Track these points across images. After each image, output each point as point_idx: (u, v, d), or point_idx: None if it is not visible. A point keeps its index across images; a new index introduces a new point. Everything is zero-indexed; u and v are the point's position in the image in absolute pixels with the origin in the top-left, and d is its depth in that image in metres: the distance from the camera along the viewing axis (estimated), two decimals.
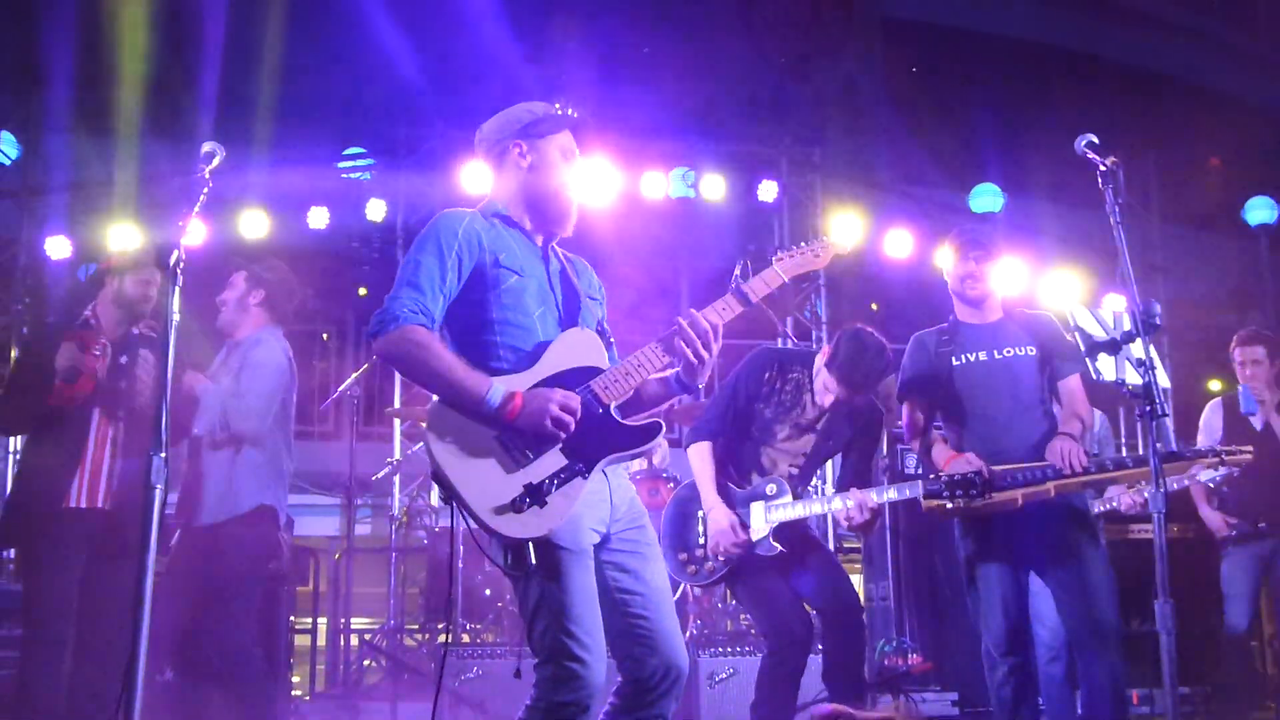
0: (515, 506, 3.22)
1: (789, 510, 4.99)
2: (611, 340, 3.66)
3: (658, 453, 7.68)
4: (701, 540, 5.07)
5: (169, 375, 3.54)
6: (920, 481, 4.92)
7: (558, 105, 3.74)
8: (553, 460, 3.30)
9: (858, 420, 5.25)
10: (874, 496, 4.93)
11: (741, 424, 5.22)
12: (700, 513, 5.13)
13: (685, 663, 3.44)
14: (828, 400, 5.12)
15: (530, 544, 3.25)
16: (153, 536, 3.43)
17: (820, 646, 5.22)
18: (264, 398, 5.34)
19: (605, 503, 3.45)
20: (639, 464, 7.45)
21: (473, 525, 3.28)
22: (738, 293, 3.62)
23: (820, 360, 5.16)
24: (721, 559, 5.02)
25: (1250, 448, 4.98)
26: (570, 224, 3.67)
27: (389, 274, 3.64)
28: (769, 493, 5.04)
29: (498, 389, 3.28)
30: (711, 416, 5.29)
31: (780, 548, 4.98)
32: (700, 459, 5.16)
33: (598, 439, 3.36)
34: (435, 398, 3.39)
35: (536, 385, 3.36)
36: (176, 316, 3.62)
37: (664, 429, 3.48)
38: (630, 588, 3.44)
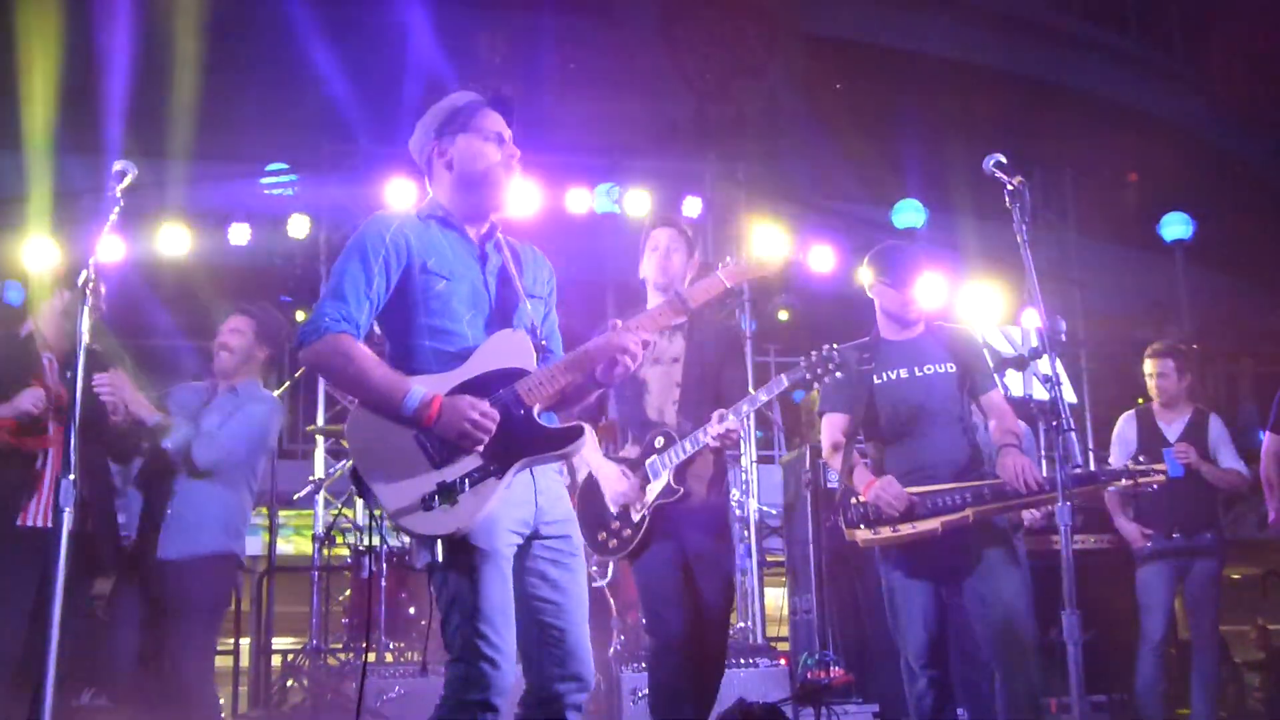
0: (425, 504, 3.25)
1: (678, 451, 4.94)
2: (543, 341, 3.65)
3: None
4: (613, 509, 5.05)
5: (78, 395, 3.51)
6: (783, 376, 4.89)
7: (471, 94, 3.71)
8: (468, 460, 3.32)
9: (718, 342, 5.23)
10: (731, 417, 4.85)
11: (617, 390, 5.19)
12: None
13: (592, 676, 3.47)
14: (661, 278, 5.07)
15: (439, 542, 3.28)
16: (61, 558, 3.39)
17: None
18: (237, 439, 5.43)
19: (529, 504, 3.45)
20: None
21: (385, 524, 3.32)
22: (677, 298, 3.68)
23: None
24: (634, 521, 4.99)
25: (1163, 467, 5.06)
26: (502, 201, 3.66)
27: (312, 291, 3.65)
28: (658, 445, 5.01)
29: (416, 392, 3.32)
30: None
31: (681, 488, 4.93)
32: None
33: (516, 442, 3.36)
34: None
35: (460, 387, 3.38)
36: (87, 337, 3.59)
37: (585, 433, 3.46)
38: (548, 596, 3.45)
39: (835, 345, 4.80)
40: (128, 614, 5.37)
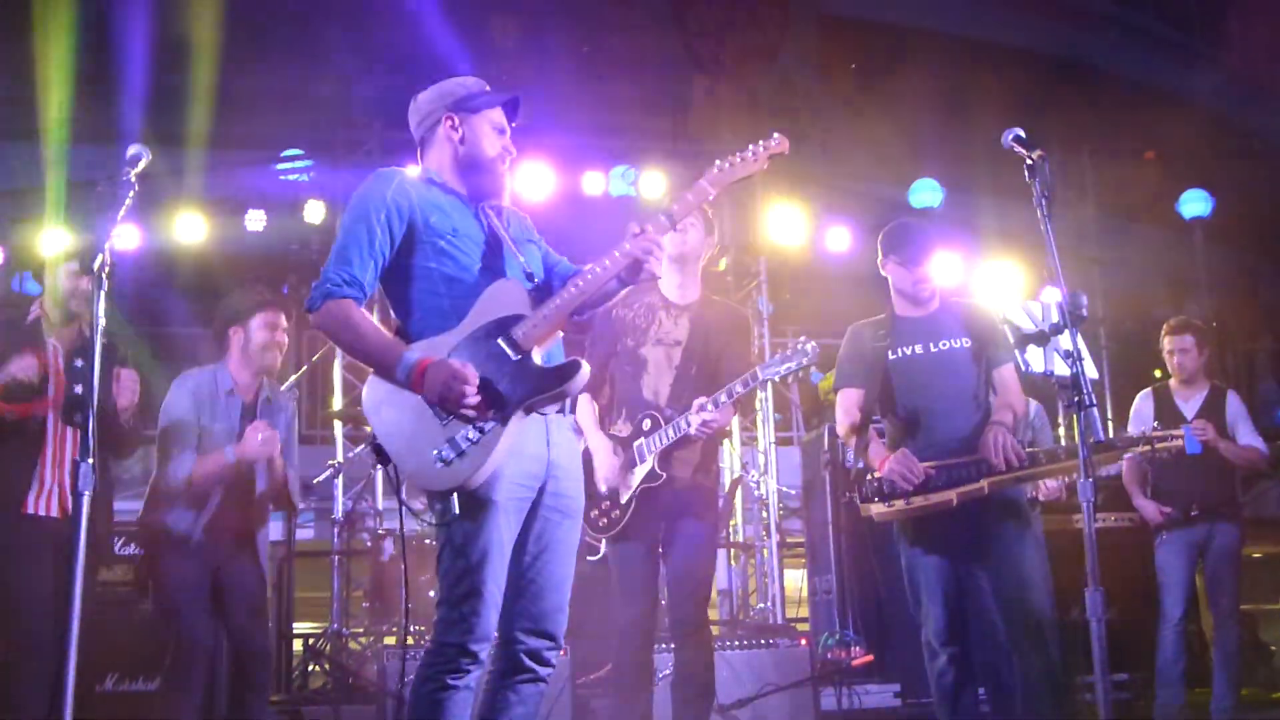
0: (436, 460, 3.35)
1: (663, 436, 5.00)
2: (554, 267, 3.79)
3: None
4: (603, 489, 5.08)
5: (95, 379, 3.52)
6: (758, 370, 4.92)
7: (487, 86, 3.80)
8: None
9: (722, 329, 5.23)
10: (711, 406, 4.90)
11: (619, 366, 5.25)
12: None
13: (562, 635, 3.56)
14: (675, 250, 5.06)
15: (453, 495, 3.38)
16: (81, 542, 3.39)
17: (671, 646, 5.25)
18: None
19: (540, 459, 3.54)
20: None
21: (404, 482, 3.47)
22: (664, 215, 3.71)
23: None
24: (622, 503, 5.05)
25: (1180, 432, 5.04)
26: (504, 193, 3.77)
27: None
28: (646, 427, 5.07)
29: (407, 360, 3.41)
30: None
31: (664, 474, 5.00)
32: (582, 410, 5.19)
33: (514, 387, 3.44)
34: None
35: (460, 343, 3.46)
36: (103, 320, 3.59)
37: (582, 368, 3.52)
38: (533, 550, 3.54)
39: (806, 339, 4.83)
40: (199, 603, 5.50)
